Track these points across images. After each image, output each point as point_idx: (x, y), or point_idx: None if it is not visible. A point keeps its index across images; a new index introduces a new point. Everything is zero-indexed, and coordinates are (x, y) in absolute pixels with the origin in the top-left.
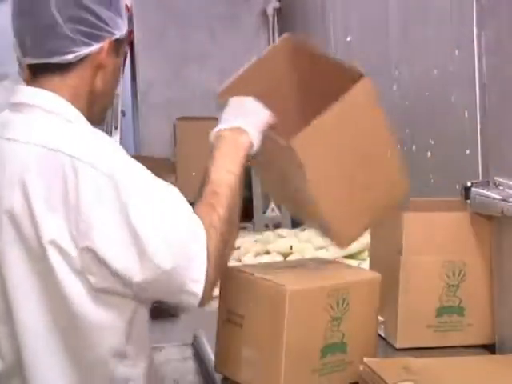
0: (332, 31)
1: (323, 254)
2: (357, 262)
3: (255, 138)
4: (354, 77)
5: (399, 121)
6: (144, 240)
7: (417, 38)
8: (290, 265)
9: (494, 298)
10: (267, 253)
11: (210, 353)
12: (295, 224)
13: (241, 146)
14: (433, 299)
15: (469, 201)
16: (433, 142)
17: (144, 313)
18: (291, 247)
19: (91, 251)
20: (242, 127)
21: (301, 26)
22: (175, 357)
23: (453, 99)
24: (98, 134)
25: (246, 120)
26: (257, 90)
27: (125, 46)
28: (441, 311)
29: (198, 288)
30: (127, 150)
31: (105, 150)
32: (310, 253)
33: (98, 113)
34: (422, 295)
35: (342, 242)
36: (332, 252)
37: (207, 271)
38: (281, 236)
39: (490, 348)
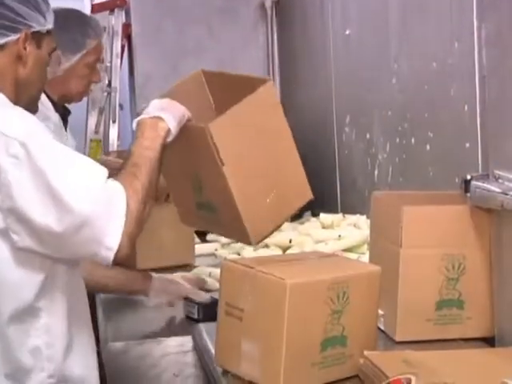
0: (331, 24)
1: (322, 248)
2: (356, 255)
3: (172, 126)
4: (260, 83)
5: (398, 114)
6: (64, 195)
7: (416, 31)
8: (289, 258)
9: (494, 291)
10: (266, 246)
11: (210, 346)
12: (294, 217)
13: (160, 130)
14: (432, 292)
15: (468, 194)
16: (432, 135)
17: (62, 272)
18: (290, 241)
19: (14, 211)
20: (161, 116)
21: (299, 20)
22: (174, 350)
23: (452, 92)
24: (14, 107)
25: (164, 112)
26: None
27: (49, 40)
28: (440, 304)
29: (114, 242)
30: (126, 143)
31: (17, 120)
32: (309, 246)
33: (26, 102)
34: (421, 288)
35: (252, 238)
36: (331, 245)
37: (125, 227)
38: (280, 229)
39: (489, 341)
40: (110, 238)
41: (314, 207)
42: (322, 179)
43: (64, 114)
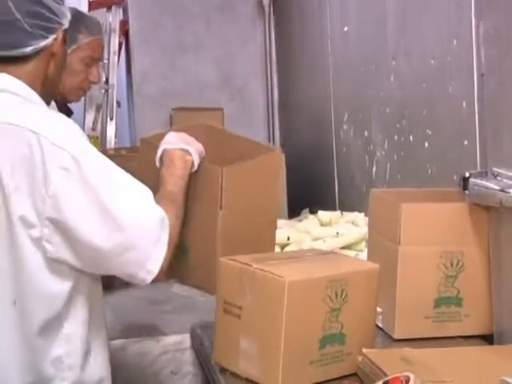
0: (329, 21)
1: (320, 245)
2: (354, 252)
3: (196, 160)
4: (266, 150)
5: (396, 111)
6: (116, 214)
7: (414, 28)
8: (287, 256)
9: (492, 289)
10: None
11: (208, 343)
12: (292, 215)
13: (188, 162)
14: (431, 290)
15: (467, 191)
16: (430, 133)
17: (87, 280)
18: (288, 238)
19: (56, 222)
20: (188, 149)
21: (297, 17)
22: (172, 347)
23: (450, 90)
24: (62, 116)
25: (189, 146)
26: None
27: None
28: (439, 302)
29: (155, 267)
30: (123, 141)
31: (69, 132)
32: (307, 244)
33: (47, 97)
34: (419, 286)
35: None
36: (329, 243)
37: (166, 254)
38: (278, 227)
39: (487, 338)
40: (153, 263)
41: (311, 204)
42: (320, 176)
43: (67, 114)
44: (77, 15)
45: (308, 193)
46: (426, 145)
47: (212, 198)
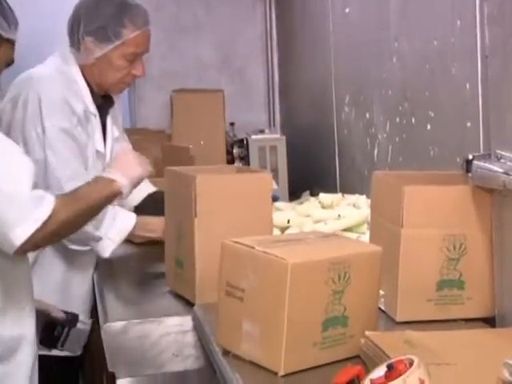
0: (330, 2)
1: (322, 227)
2: (356, 234)
3: (126, 188)
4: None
5: (398, 93)
6: None
7: (417, 8)
8: (289, 238)
9: (495, 272)
10: None
11: (210, 326)
12: (293, 197)
13: (111, 190)
14: (433, 273)
15: (470, 174)
16: (433, 115)
17: None
18: (288, 221)
19: None
20: (118, 177)
21: None
22: (174, 329)
23: (453, 71)
24: None
25: (124, 173)
26: None
27: (8, 49)
28: (441, 285)
29: (17, 241)
30: (123, 122)
31: None
32: (308, 226)
33: None
34: (422, 269)
35: (197, 299)
36: (331, 225)
37: (35, 234)
38: (278, 209)
39: (489, 321)
40: (15, 236)
41: (312, 187)
42: (320, 159)
43: (103, 104)
44: (121, 7)
45: (309, 175)
46: (429, 127)
47: (189, 209)
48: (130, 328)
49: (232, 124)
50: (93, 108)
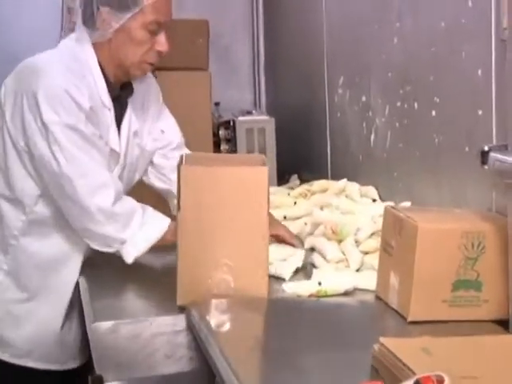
0: None
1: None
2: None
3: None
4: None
5: (400, 76)
6: None
7: None
8: (438, 211)
9: (510, 272)
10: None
11: (207, 325)
12: (280, 181)
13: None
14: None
15: (486, 166)
16: (438, 101)
17: None
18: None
19: None
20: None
21: None
22: (166, 329)
23: (464, 55)
24: None
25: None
26: None
27: None
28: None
29: None
30: None
31: None
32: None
33: None
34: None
35: (178, 298)
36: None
37: None
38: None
39: (503, 323)
40: None
41: (301, 171)
42: (310, 142)
43: (119, 97)
44: None
45: (297, 158)
46: (434, 113)
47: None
48: (119, 328)
49: (217, 104)
50: (107, 100)
